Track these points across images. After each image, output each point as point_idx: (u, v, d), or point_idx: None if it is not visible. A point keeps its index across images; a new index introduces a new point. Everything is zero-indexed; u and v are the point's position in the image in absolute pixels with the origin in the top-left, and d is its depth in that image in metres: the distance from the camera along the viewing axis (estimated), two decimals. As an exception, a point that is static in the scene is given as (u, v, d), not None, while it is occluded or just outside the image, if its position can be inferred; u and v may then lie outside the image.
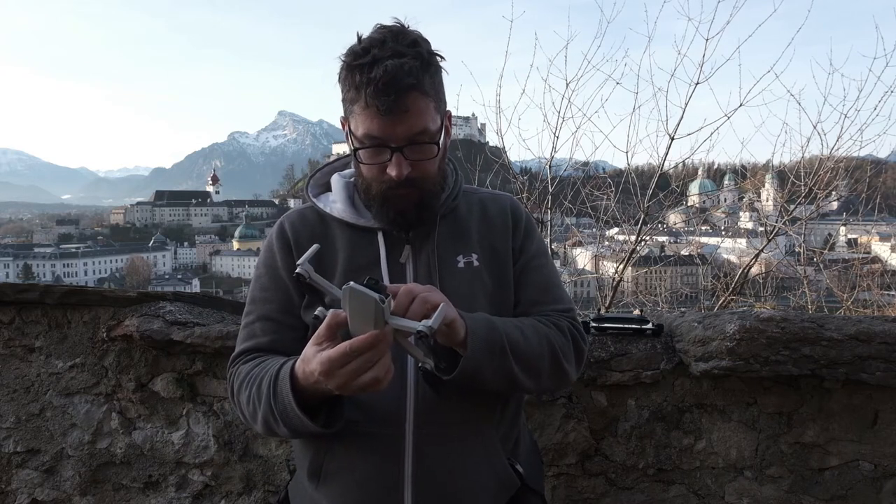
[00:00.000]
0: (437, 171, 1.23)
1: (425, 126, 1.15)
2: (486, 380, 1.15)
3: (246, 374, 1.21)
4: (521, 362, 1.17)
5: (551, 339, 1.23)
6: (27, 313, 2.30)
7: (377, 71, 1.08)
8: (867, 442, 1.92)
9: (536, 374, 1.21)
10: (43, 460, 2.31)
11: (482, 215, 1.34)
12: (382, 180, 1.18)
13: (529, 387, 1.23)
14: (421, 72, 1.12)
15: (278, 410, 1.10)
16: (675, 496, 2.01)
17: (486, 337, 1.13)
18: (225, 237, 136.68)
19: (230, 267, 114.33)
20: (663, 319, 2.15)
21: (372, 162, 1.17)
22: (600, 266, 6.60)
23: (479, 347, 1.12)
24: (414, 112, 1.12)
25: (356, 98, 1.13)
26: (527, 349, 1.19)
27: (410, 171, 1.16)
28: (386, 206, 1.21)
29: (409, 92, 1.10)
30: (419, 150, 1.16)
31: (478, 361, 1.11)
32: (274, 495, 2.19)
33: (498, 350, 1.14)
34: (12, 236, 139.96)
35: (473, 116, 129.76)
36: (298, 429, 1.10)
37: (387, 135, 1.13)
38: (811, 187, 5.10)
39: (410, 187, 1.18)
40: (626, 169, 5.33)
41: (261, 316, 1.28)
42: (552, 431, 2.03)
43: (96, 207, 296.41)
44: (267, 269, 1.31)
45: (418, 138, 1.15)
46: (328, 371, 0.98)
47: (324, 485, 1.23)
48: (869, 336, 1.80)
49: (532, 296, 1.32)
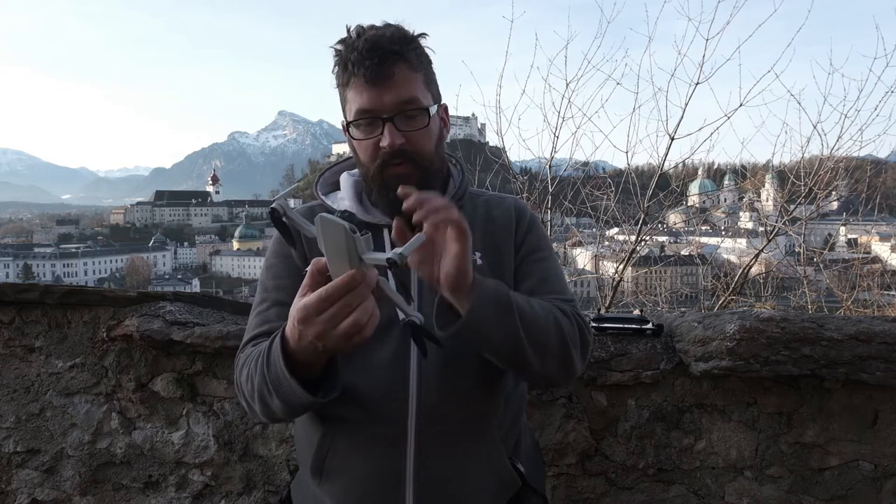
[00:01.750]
0: (434, 151, 1.23)
1: (413, 95, 1.16)
2: (492, 339, 1.08)
3: (249, 354, 1.19)
4: (528, 329, 1.10)
5: (558, 319, 1.17)
6: (27, 313, 2.30)
7: (361, 41, 1.14)
8: (867, 442, 1.92)
9: (543, 350, 1.13)
10: (43, 460, 2.31)
11: (486, 216, 1.34)
12: (378, 157, 1.19)
13: (535, 365, 1.14)
14: (405, 45, 1.15)
15: (271, 379, 1.06)
16: (675, 496, 2.01)
17: (495, 289, 1.07)
18: (225, 237, 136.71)
19: (230, 267, 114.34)
20: (663, 319, 2.15)
21: (365, 137, 1.19)
22: (600, 266, 6.59)
23: (486, 297, 1.05)
24: (400, 80, 1.15)
25: (347, 79, 1.17)
26: (533, 318, 1.12)
27: (404, 142, 1.16)
28: (385, 187, 1.20)
29: (395, 61, 1.14)
30: (410, 121, 1.17)
31: (484, 314, 1.04)
32: (274, 495, 2.19)
33: (504, 305, 1.08)
34: (12, 236, 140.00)
35: (473, 116, 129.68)
36: (290, 399, 1.04)
37: (376, 105, 1.15)
38: (811, 187, 5.11)
39: (407, 162, 1.18)
40: (626, 169, 5.33)
41: (276, 301, 1.26)
42: (552, 431, 2.03)
43: (96, 207, 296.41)
44: (278, 257, 1.30)
45: (407, 107, 1.16)
46: (305, 318, 0.91)
47: (326, 482, 1.23)
48: (869, 336, 1.80)
49: (531, 286, 1.27)
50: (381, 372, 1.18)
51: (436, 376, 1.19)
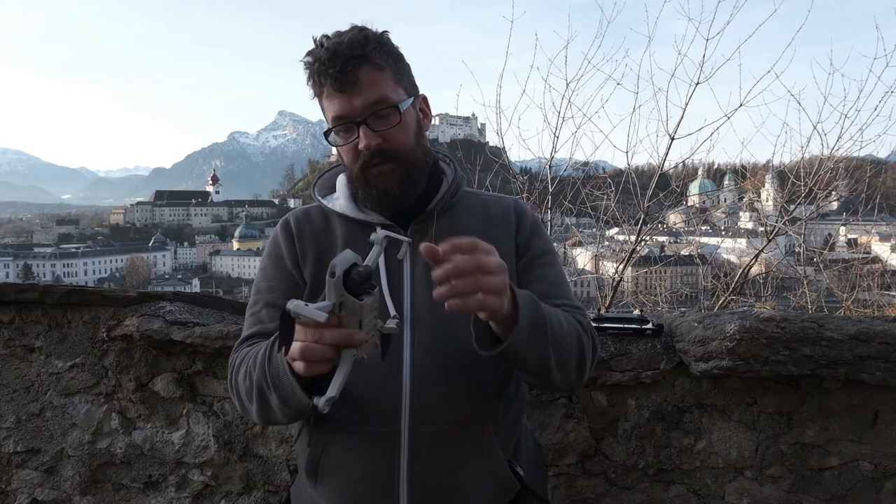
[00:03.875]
0: (415, 144, 1.25)
1: (382, 94, 1.19)
2: (526, 361, 1.10)
3: (246, 353, 1.22)
4: (557, 349, 1.12)
5: (580, 335, 1.20)
6: (27, 313, 2.30)
7: (322, 50, 1.17)
8: (867, 442, 1.92)
9: (566, 366, 1.16)
10: (43, 460, 2.31)
11: (484, 215, 1.34)
12: (358, 159, 1.22)
13: (556, 379, 1.16)
14: (365, 46, 1.17)
15: (271, 374, 1.08)
16: (675, 496, 2.01)
17: (532, 312, 1.07)
18: (225, 237, 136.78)
19: (230, 267, 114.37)
20: (663, 319, 2.15)
21: (344, 142, 1.23)
22: (600, 266, 6.59)
23: (525, 323, 1.04)
24: (366, 82, 1.17)
25: (319, 89, 1.21)
26: (562, 338, 1.14)
27: (381, 142, 1.19)
28: (368, 186, 1.24)
29: (358, 65, 1.16)
30: (383, 120, 1.20)
31: (521, 339, 1.04)
32: (274, 495, 2.19)
33: (541, 328, 1.08)
34: (12, 236, 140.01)
35: (473, 116, 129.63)
36: (289, 397, 1.06)
37: (347, 111, 1.18)
38: (811, 187, 5.11)
39: (387, 161, 1.21)
40: (626, 169, 5.33)
41: (268, 303, 1.28)
42: (552, 431, 2.03)
43: (96, 207, 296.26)
44: (272, 259, 1.33)
45: (377, 108, 1.18)
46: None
47: (321, 483, 1.23)
48: (869, 336, 1.80)
49: (541, 292, 1.26)
50: (374, 370, 1.18)
51: (429, 375, 1.19)
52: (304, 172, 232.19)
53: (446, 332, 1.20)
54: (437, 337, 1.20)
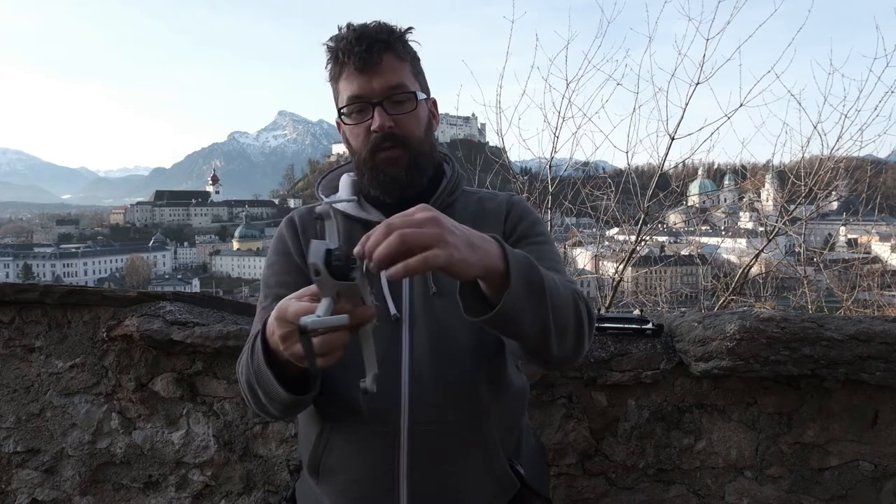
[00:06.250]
0: (424, 137, 1.27)
1: (401, 81, 1.22)
2: (523, 324, 1.00)
3: (245, 349, 1.21)
4: (555, 312, 1.04)
5: (576, 299, 1.11)
6: (27, 313, 2.30)
7: (349, 31, 1.21)
8: (867, 442, 1.92)
9: (565, 333, 1.08)
10: (43, 460, 2.31)
11: (479, 209, 1.35)
12: (369, 141, 1.23)
13: (554, 349, 1.08)
14: (392, 36, 1.21)
15: (254, 369, 1.07)
16: (675, 496, 2.01)
17: (527, 271, 0.98)
18: (225, 237, 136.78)
19: (230, 267, 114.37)
20: (663, 319, 2.15)
21: (356, 122, 1.24)
22: (600, 266, 6.59)
23: (519, 283, 0.96)
24: (388, 67, 1.20)
25: (338, 70, 1.23)
26: (559, 301, 1.05)
27: (393, 125, 1.21)
28: (376, 170, 1.25)
29: (383, 49, 1.20)
30: (399, 105, 1.23)
31: (517, 303, 0.96)
32: (274, 495, 2.19)
33: (537, 288, 1.00)
34: (12, 236, 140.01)
35: (473, 116, 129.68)
36: (270, 390, 1.05)
37: (366, 91, 1.21)
38: (811, 187, 5.11)
39: (397, 146, 1.23)
40: (626, 169, 5.33)
41: (278, 297, 1.25)
42: (552, 431, 2.03)
43: (96, 207, 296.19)
44: (279, 255, 1.33)
45: (395, 92, 1.22)
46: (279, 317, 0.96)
47: (323, 481, 1.24)
48: (869, 336, 1.80)
49: None
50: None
51: (429, 373, 1.19)
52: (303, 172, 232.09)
53: (445, 330, 1.20)
54: (436, 335, 1.20)
